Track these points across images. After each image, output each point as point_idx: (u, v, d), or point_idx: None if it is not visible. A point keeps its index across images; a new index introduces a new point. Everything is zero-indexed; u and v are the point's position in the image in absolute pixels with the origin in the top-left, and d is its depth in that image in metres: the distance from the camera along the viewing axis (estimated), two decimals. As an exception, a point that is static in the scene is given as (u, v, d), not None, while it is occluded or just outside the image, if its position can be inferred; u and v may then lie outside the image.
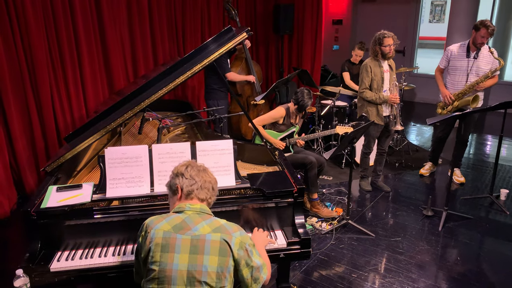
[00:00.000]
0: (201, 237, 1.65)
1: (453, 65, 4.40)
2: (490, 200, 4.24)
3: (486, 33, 4.09)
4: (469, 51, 4.28)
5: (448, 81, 4.49)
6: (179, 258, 1.62)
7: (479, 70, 4.25)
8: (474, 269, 3.19)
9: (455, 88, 4.41)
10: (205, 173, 1.84)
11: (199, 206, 1.77)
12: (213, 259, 1.63)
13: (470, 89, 4.27)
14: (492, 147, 6.09)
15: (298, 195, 2.37)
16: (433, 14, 16.48)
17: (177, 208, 1.76)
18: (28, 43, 3.93)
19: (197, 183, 1.78)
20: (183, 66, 2.62)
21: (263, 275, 1.78)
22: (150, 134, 3.49)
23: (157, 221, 1.71)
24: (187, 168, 1.82)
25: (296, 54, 7.35)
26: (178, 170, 1.82)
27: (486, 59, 4.23)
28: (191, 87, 5.89)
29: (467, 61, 4.29)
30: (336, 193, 4.49)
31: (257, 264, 1.74)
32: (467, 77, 4.31)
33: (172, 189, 1.83)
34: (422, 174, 4.97)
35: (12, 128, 3.98)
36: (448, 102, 4.43)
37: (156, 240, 1.64)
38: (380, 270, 3.17)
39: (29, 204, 2.19)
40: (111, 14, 4.66)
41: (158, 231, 1.66)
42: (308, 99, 3.80)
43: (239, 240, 1.70)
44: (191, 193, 1.78)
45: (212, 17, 6.06)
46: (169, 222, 1.69)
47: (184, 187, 1.78)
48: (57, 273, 2.08)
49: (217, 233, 1.68)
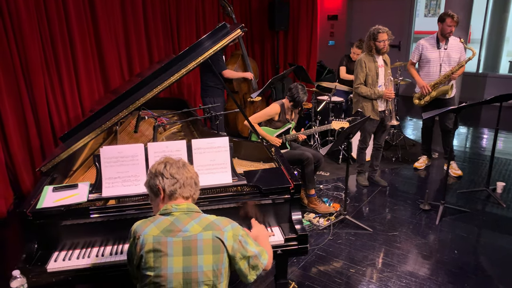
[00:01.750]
0: (193, 237, 1.61)
1: (425, 57, 4.58)
2: (486, 193, 4.26)
3: (452, 21, 4.31)
4: (438, 43, 4.48)
5: (422, 73, 4.67)
6: (173, 261, 1.58)
7: (451, 60, 4.47)
8: (471, 262, 3.21)
9: (429, 79, 4.59)
10: (185, 169, 1.75)
11: (185, 205, 1.71)
12: (208, 258, 1.60)
13: (445, 78, 4.46)
14: (488, 140, 6.11)
15: (295, 191, 2.37)
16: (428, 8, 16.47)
17: (163, 211, 1.70)
18: (21, 41, 3.91)
19: (179, 182, 1.71)
20: (178, 63, 2.60)
21: (263, 261, 1.75)
22: (146, 132, 3.48)
23: (144, 225, 1.65)
24: (166, 166, 1.73)
25: (291, 50, 7.34)
26: (157, 170, 1.73)
27: (455, 48, 4.46)
28: (187, 84, 5.87)
29: (438, 52, 4.48)
30: (333, 188, 4.49)
31: (253, 253, 1.71)
32: (440, 67, 4.51)
33: (153, 190, 1.74)
34: (416, 167, 4.99)
35: (7, 128, 3.96)
36: (426, 93, 4.55)
37: (147, 246, 1.59)
38: (378, 265, 3.18)
39: (25, 205, 2.18)
40: (105, 12, 4.63)
41: (148, 237, 1.60)
42: (303, 94, 3.80)
43: (231, 234, 1.66)
44: (174, 193, 1.71)
45: (207, 14, 6.03)
46: (157, 226, 1.63)
47: (166, 187, 1.70)
48: (54, 274, 2.07)
49: (208, 231, 1.63)
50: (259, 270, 1.74)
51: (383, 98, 4.18)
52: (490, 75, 8.22)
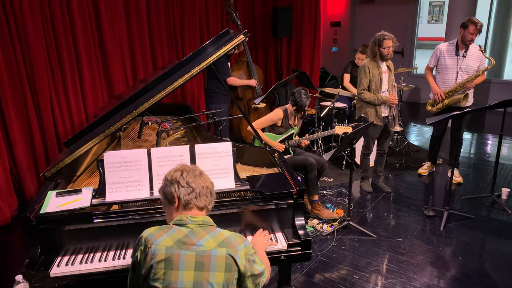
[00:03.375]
0: (206, 253, 1.57)
1: (442, 63, 4.46)
2: (491, 199, 4.23)
3: (475, 29, 4.15)
4: (458, 49, 4.34)
5: (438, 79, 4.54)
6: (184, 275, 1.54)
7: (468, 68, 4.31)
8: (476, 268, 3.18)
9: (445, 86, 4.47)
10: (202, 178, 1.71)
11: (201, 218, 1.67)
12: (219, 275, 1.57)
13: (460, 87, 4.33)
14: (492, 146, 6.08)
15: (298, 197, 2.36)
16: (432, 15, 16.49)
17: (178, 221, 1.66)
18: (27, 48, 3.94)
19: (194, 191, 1.67)
20: (181, 69, 2.61)
21: (263, 279, 1.75)
22: (150, 138, 3.48)
23: (157, 235, 1.60)
24: (183, 174, 1.68)
25: (295, 56, 7.36)
26: (173, 177, 1.69)
27: (475, 56, 4.30)
28: (191, 91, 5.89)
29: (456, 59, 4.35)
30: (336, 194, 4.48)
31: (259, 271, 1.70)
32: (456, 75, 4.37)
33: (167, 198, 1.71)
34: (421, 173, 4.97)
35: (11, 134, 3.98)
36: (439, 100, 4.46)
37: (158, 257, 1.54)
38: (382, 271, 3.16)
39: (29, 210, 2.18)
40: (109, 18, 4.67)
41: (160, 247, 1.56)
42: (306, 99, 3.80)
43: (243, 252, 1.64)
44: (189, 202, 1.67)
45: (211, 21, 6.07)
46: (171, 237, 1.59)
47: (181, 196, 1.67)
48: (57, 279, 2.07)
49: (222, 247, 1.60)
50: (259, 286, 1.73)
51: (386, 104, 4.18)
52: (494, 81, 8.19)
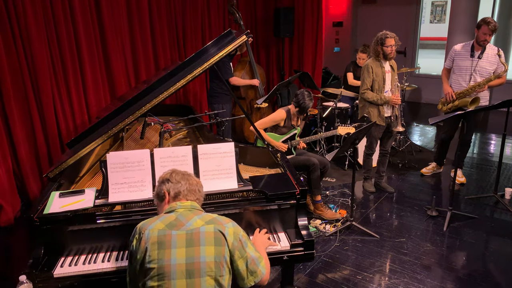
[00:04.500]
0: (195, 230, 1.69)
1: (457, 64, 4.38)
2: (494, 199, 4.22)
3: (487, 29, 4.05)
4: (473, 51, 4.24)
5: (453, 79, 4.47)
6: (176, 252, 1.64)
7: (483, 70, 4.21)
8: (480, 269, 3.16)
9: (458, 87, 4.39)
10: (190, 177, 1.89)
11: (189, 203, 1.82)
12: (210, 249, 1.66)
13: (472, 90, 4.24)
14: (495, 146, 6.06)
15: (301, 197, 2.36)
16: (434, 15, 16.47)
17: (168, 209, 1.81)
18: (29, 49, 3.96)
19: (183, 186, 1.83)
20: (184, 70, 2.62)
21: (261, 269, 1.78)
22: (152, 139, 3.49)
23: (149, 222, 1.74)
24: (172, 174, 1.87)
25: (297, 56, 7.36)
26: (163, 177, 1.88)
27: (491, 59, 4.19)
28: (193, 91, 5.90)
29: (471, 61, 4.25)
30: (339, 194, 4.47)
31: (251, 256, 1.77)
32: (470, 77, 4.28)
33: (159, 196, 1.87)
34: (423, 173, 4.95)
35: (14, 135, 3.99)
36: (449, 100, 4.41)
37: (151, 239, 1.66)
38: (385, 272, 3.15)
39: (32, 210, 2.19)
40: (112, 19, 4.68)
41: (153, 231, 1.69)
42: (309, 101, 3.80)
43: (232, 230, 1.75)
44: (178, 194, 1.82)
45: (213, 21, 6.07)
46: (162, 221, 1.73)
47: (170, 190, 1.83)
48: (60, 279, 2.08)
49: (210, 224, 1.72)
50: (257, 277, 1.77)
51: (389, 104, 4.17)
52: (497, 81, 8.16)
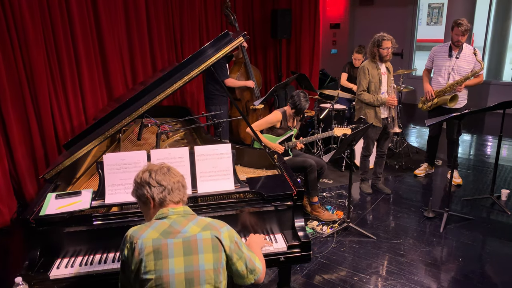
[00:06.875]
0: (192, 238, 1.63)
1: (436, 64, 4.53)
2: (491, 200, 4.23)
3: (459, 31, 4.20)
4: (451, 51, 4.39)
5: (433, 79, 4.61)
6: (174, 262, 1.58)
7: (461, 69, 4.35)
8: (476, 270, 3.17)
9: (438, 86, 4.52)
10: (171, 174, 1.74)
11: (182, 209, 1.72)
12: (208, 256, 1.62)
13: (450, 88, 4.37)
14: (492, 147, 6.08)
15: (298, 198, 2.37)
16: (431, 17, 16.53)
17: (159, 215, 1.70)
18: (26, 50, 3.94)
19: (166, 188, 1.70)
20: (181, 71, 2.62)
21: (258, 265, 1.78)
22: (149, 140, 3.49)
23: (141, 231, 1.64)
24: (151, 174, 1.71)
25: (294, 58, 7.36)
26: (142, 179, 1.72)
27: (468, 59, 4.32)
28: (190, 93, 5.89)
29: (449, 61, 4.39)
30: (336, 196, 4.48)
31: (248, 255, 1.76)
32: (449, 76, 4.41)
33: (141, 200, 1.74)
34: (416, 174, 4.97)
35: (11, 136, 3.97)
36: (429, 98, 4.52)
37: (147, 250, 1.58)
38: (382, 273, 3.15)
39: (28, 212, 2.19)
40: (109, 21, 4.67)
41: (147, 240, 1.59)
42: (305, 102, 3.81)
43: (227, 234, 1.70)
44: (164, 200, 1.70)
45: (210, 23, 6.07)
46: (155, 229, 1.63)
47: (155, 196, 1.70)
48: (56, 281, 2.07)
49: (206, 231, 1.66)
50: (256, 274, 1.77)
51: (386, 105, 4.18)
52: (494, 82, 8.20)
